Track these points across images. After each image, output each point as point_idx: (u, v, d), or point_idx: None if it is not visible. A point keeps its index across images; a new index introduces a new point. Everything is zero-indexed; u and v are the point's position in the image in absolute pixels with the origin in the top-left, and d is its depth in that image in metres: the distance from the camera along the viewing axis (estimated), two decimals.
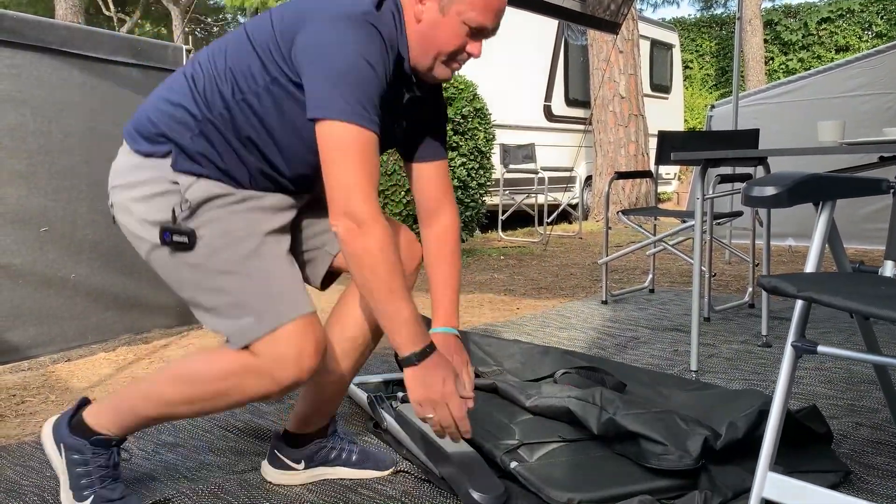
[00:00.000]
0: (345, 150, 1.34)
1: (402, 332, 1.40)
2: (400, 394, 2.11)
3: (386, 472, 1.79)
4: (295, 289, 1.47)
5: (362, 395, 2.14)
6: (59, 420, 1.61)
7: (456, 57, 1.51)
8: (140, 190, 1.47)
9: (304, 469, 1.76)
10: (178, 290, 1.51)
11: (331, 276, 1.67)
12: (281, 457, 1.75)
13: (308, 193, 1.60)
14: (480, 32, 1.48)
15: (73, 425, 1.58)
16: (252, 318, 1.42)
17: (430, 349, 1.41)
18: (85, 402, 1.62)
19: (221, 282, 1.44)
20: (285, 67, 1.41)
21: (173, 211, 1.44)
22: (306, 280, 1.64)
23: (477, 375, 2.23)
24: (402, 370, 1.42)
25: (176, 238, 1.43)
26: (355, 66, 1.35)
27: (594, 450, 1.77)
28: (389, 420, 1.96)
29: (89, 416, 1.58)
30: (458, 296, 1.67)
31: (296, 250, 1.61)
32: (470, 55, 1.51)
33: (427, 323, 1.56)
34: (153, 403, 1.52)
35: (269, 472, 1.76)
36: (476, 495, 1.54)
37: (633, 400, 1.94)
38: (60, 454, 1.57)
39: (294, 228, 1.61)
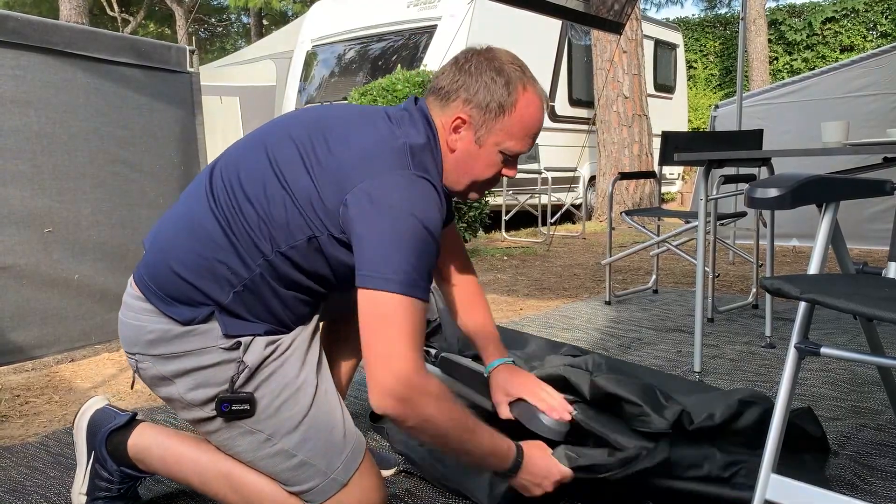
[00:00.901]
0: (391, 321, 1.25)
1: (492, 462, 1.42)
2: (432, 350, 2.09)
3: (389, 472, 1.80)
4: (349, 425, 1.43)
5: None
6: (99, 420, 1.55)
7: (491, 184, 1.49)
8: (189, 362, 1.37)
9: None
10: (236, 455, 1.42)
11: None
12: None
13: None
14: (517, 157, 1.47)
15: (113, 443, 1.52)
16: (321, 479, 1.38)
17: (519, 460, 1.44)
18: (132, 419, 1.56)
19: (286, 443, 1.37)
20: (329, 224, 1.33)
21: (232, 380, 1.36)
22: None
23: None
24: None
25: (236, 407, 1.35)
26: (414, 234, 1.27)
27: (589, 410, 1.77)
28: (430, 368, 1.94)
29: (133, 447, 1.51)
30: (497, 331, 1.73)
31: None
32: (506, 176, 1.50)
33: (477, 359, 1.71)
34: (198, 482, 1.46)
35: None
36: (547, 420, 1.57)
37: (622, 368, 1.93)
38: (89, 458, 1.54)
39: None
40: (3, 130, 2.63)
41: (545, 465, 1.47)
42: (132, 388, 1.71)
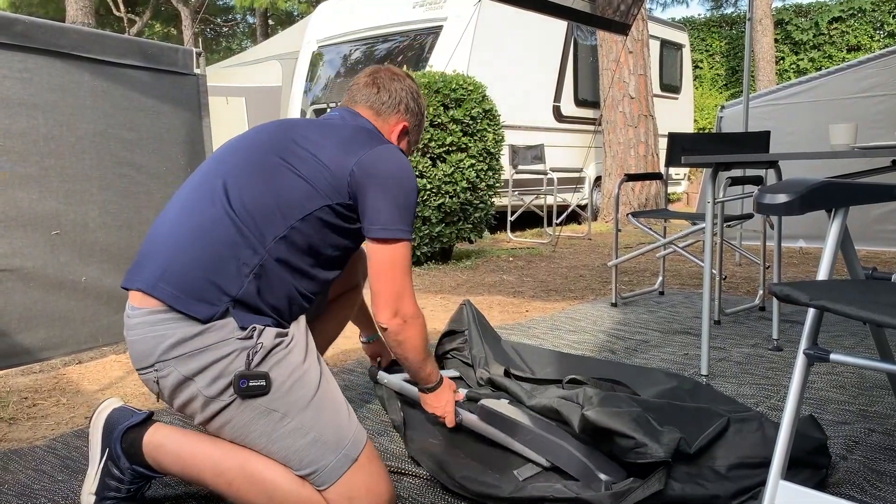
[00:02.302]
0: (401, 263, 1.63)
1: (426, 378, 1.86)
2: (463, 391, 2.12)
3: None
4: (350, 411, 1.59)
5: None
6: (116, 418, 1.58)
7: (406, 142, 1.93)
8: (208, 356, 1.46)
9: None
10: (252, 444, 1.49)
11: None
12: None
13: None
14: None
15: (129, 440, 1.56)
16: (334, 455, 1.48)
17: (439, 383, 1.90)
18: (149, 418, 1.60)
19: (300, 420, 1.48)
20: (338, 193, 1.59)
21: (248, 356, 1.46)
22: None
23: (508, 375, 2.28)
24: (420, 392, 1.92)
25: (253, 383, 1.46)
26: (414, 194, 1.64)
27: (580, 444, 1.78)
28: (467, 415, 1.97)
29: (148, 444, 1.55)
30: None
31: None
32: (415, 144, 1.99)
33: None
34: (215, 480, 1.50)
35: None
36: (604, 477, 1.63)
37: (614, 396, 1.91)
38: (102, 456, 1.57)
39: None
40: (10, 133, 2.64)
41: (447, 397, 1.91)
42: (157, 400, 1.77)
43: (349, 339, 3.22)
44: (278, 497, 1.46)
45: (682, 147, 3.76)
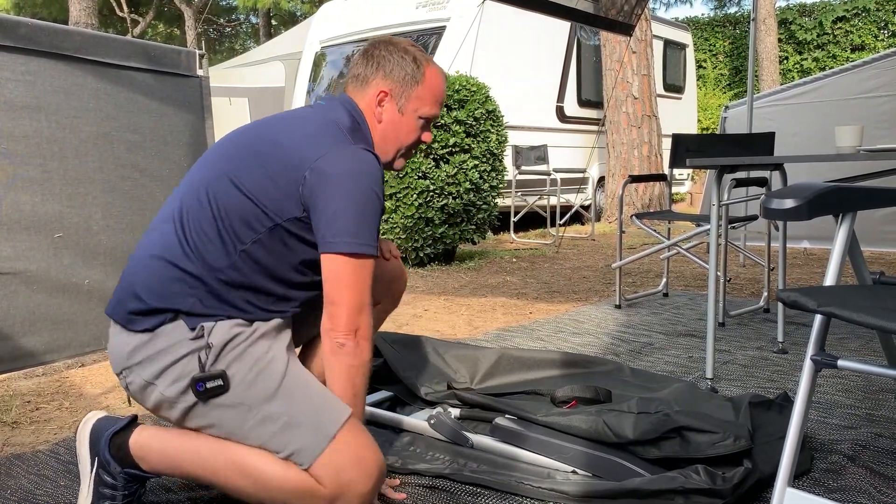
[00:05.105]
0: (360, 277, 1.48)
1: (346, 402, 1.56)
2: (453, 411, 2.13)
3: None
4: (327, 391, 1.52)
5: (416, 422, 2.06)
6: (100, 426, 1.59)
7: (413, 149, 1.72)
8: (163, 359, 1.47)
9: None
10: (227, 437, 1.49)
11: None
12: None
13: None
14: (430, 122, 1.71)
15: (116, 444, 1.55)
16: (311, 434, 1.45)
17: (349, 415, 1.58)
18: (133, 421, 1.60)
19: (267, 410, 1.47)
20: (290, 207, 1.49)
21: (199, 359, 1.46)
22: None
23: (450, 388, 2.25)
24: None
25: (210, 384, 1.45)
26: (371, 201, 1.49)
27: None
28: (478, 438, 1.95)
29: (135, 444, 1.55)
30: None
31: None
32: (424, 143, 1.73)
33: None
34: (203, 472, 1.51)
35: None
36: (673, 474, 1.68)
37: (648, 399, 2.01)
38: (92, 466, 1.56)
39: None
40: (14, 135, 2.64)
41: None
42: (129, 404, 1.73)
43: None
44: (264, 481, 1.46)
45: (686, 148, 3.74)
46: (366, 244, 1.48)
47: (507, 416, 1.98)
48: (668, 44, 10.40)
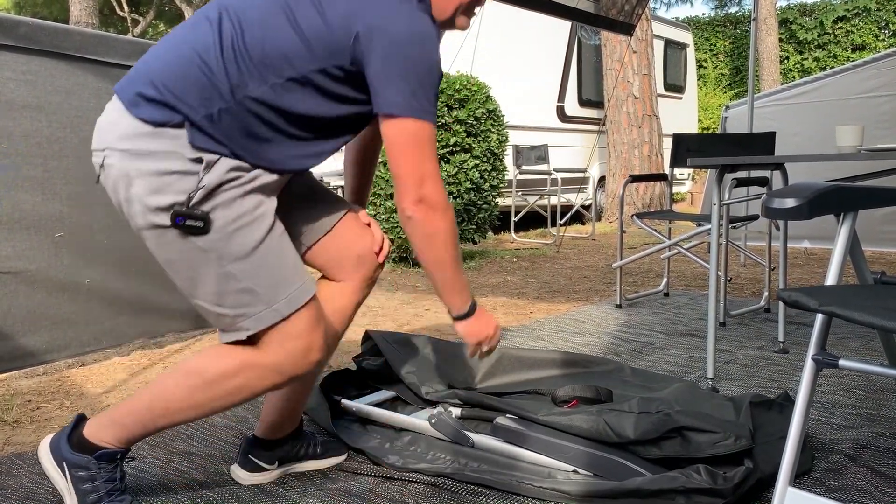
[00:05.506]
0: (421, 144, 1.44)
1: (462, 295, 1.61)
2: (454, 410, 2.12)
3: (343, 457, 1.90)
4: (301, 270, 1.51)
5: (417, 422, 2.05)
6: (55, 439, 1.58)
7: (474, 7, 1.59)
8: (152, 163, 1.39)
9: (277, 468, 1.83)
10: (176, 270, 1.46)
11: None
12: (254, 460, 1.80)
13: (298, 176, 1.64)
14: None
15: (75, 443, 1.55)
16: (263, 307, 1.45)
17: (475, 304, 1.65)
18: (82, 419, 1.60)
19: (234, 268, 1.44)
20: (337, 58, 1.42)
21: (189, 195, 1.39)
22: None
23: (451, 387, 2.25)
24: (454, 321, 1.65)
25: (190, 223, 1.39)
26: (431, 67, 1.43)
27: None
28: (479, 438, 1.95)
29: (90, 432, 1.55)
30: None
31: None
32: (480, 4, 1.60)
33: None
34: (160, 413, 1.52)
35: (241, 475, 1.80)
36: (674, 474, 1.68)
37: (649, 399, 2.02)
38: (64, 474, 1.55)
39: None
40: (15, 135, 2.64)
41: (491, 317, 1.69)
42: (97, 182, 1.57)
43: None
44: (211, 372, 1.49)
45: (686, 148, 3.74)
46: (422, 109, 1.43)
47: (508, 415, 1.98)
48: (669, 43, 10.40)
